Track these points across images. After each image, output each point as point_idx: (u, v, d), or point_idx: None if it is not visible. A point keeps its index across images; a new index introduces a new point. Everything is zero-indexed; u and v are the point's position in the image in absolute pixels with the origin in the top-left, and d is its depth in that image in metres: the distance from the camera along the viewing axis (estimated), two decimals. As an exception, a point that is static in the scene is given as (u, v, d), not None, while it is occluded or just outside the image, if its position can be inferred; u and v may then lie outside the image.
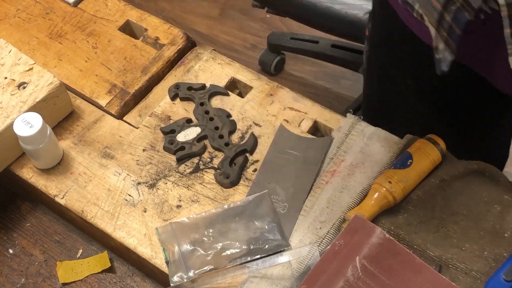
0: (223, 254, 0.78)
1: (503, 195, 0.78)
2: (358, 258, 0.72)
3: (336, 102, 1.96)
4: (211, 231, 0.79)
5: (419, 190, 0.78)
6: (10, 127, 0.83)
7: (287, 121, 0.88)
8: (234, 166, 0.85)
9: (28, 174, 0.87)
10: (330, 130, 0.88)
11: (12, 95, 0.87)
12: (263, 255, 0.77)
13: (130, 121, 0.91)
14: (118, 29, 0.99)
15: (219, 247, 0.78)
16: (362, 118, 0.88)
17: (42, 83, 0.87)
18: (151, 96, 0.93)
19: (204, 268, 0.77)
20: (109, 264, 0.82)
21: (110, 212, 0.83)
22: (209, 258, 0.77)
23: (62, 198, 0.84)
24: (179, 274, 0.76)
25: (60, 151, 0.87)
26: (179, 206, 0.83)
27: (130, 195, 0.84)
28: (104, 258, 0.83)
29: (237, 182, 0.84)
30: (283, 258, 0.75)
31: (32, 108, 0.85)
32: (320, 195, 0.81)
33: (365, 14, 1.47)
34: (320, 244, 0.76)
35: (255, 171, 0.85)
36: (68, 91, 0.91)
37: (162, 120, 0.90)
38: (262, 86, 0.92)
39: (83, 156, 0.88)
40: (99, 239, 0.85)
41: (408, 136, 0.84)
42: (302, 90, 1.80)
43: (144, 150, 0.88)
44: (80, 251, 0.85)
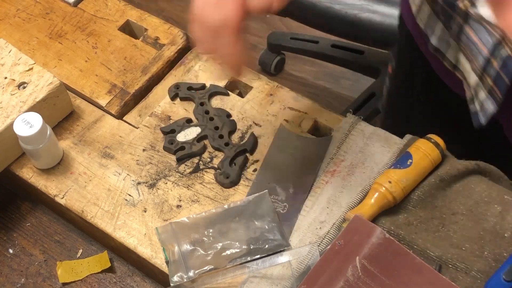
0: (223, 254, 0.78)
1: (503, 195, 0.78)
2: (358, 258, 0.72)
3: (336, 102, 1.96)
4: (211, 231, 0.79)
5: (419, 190, 0.78)
6: (10, 127, 0.83)
7: (287, 121, 0.88)
8: (234, 166, 0.85)
9: (28, 174, 0.87)
10: (330, 130, 0.87)
11: (12, 95, 0.87)
12: (263, 255, 0.77)
13: (130, 121, 0.91)
14: (118, 29, 0.99)
15: (219, 247, 0.78)
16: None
17: (42, 83, 0.87)
18: (151, 96, 0.93)
19: (204, 268, 0.77)
20: (109, 264, 0.82)
21: (110, 212, 0.83)
22: (209, 258, 0.77)
23: (62, 198, 0.84)
24: (179, 274, 0.76)
25: (60, 151, 0.87)
26: (179, 206, 0.83)
27: (130, 195, 0.84)
28: (104, 258, 0.83)
29: (237, 182, 0.84)
30: (283, 258, 0.75)
31: (32, 108, 0.85)
32: (320, 195, 0.81)
33: (363, 13, 1.47)
34: (320, 244, 0.76)
35: (255, 171, 0.85)
36: (68, 91, 0.91)
37: (162, 120, 0.90)
38: (262, 86, 0.92)
39: (83, 156, 0.88)
40: (99, 239, 0.85)
41: (408, 136, 0.84)
42: (302, 90, 1.80)
43: (144, 150, 0.88)
44: (80, 251, 0.85)
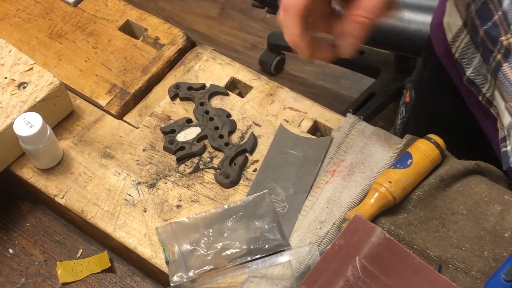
0: (223, 254, 0.78)
1: (503, 195, 0.78)
2: (358, 258, 0.72)
3: (336, 102, 1.97)
4: (211, 231, 0.79)
5: (419, 190, 0.78)
6: (10, 127, 0.83)
7: (287, 121, 0.88)
8: (234, 166, 0.85)
9: (28, 174, 0.87)
10: (330, 130, 0.87)
11: (12, 95, 0.87)
12: (263, 255, 0.77)
13: (130, 121, 0.91)
14: (118, 29, 0.99)
15: (219, 247, 0.78)
16: None
17: (42, 83, 0.87)
18: (151, 96, 0.93)
19: (204, 268, 0.77)
20: (109, 264, 0.82)
21: (110, 212, 0.83)
22: (209, 258, 0.77)
23: (62, 198, 0.84)
24: (179, 274, 0.76)
25: (60, 151, 0.87)
26: (179, 206, 0.83)
27: (130, 195, 0.84)
28: (104, 258, 0.83)
29: (237, 182, 0.84)
30: (283, 258, 0.75)
31: (32, 108, 0.85)
32: (320, 195, 0.81)
33: None
34: (320, 244, 0.76)
35: (255, 171, 0.85)
36: (68, 91, 0.91)
37: (162, 120, 0.90)
38: (262, 86, 0.92)
39: (83, 156, 0.88)
40: (99, 239, 0.85)
41: (408, 136, 0.84)
42: (302, 90, 1.80)
43: (144, 150, 0.88)
44: (80, 251, 0.85)
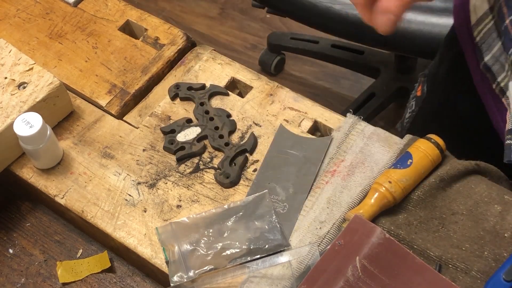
0: (223, 254, 0.78)
1: (503, 195, 0.78)
2: (358, 258, 0.72)
3: (336, 102, 1.96)
4: (211, 231, 0.79)
5: (419, 190, 0.78)
6: (10, 127, 0.83)
7: (287, 121, 0.88)
8: (234, 166, 0.85)
9: (28, 174, 0.87)
10: (330, 130, 0.87)
11: (12, 95, 0.87)
12: (263, 255, 0.77)
13: (130, 121, 0.91)
14: (118, 29, 0.99)
15: (219, 247, 0.78)
16: None
17: (42, 83, 0.87)
18: (151, 96, 0.93)
19: (204, 268, 0.77)
20: (109, 264, 0.82)
21: (110, 212, 0.83)
22: (209, 258, 0.77)
23: (62, 198, 0.84)
24: (179, 274, 0.76)
25: (60, 151, 0.87)
26: (179, 206, 0.83)
27: (130, 195, 0.84)
28: (104, 258, 0.83)
29: (237, 182, 0.84)
30: (283, 258, 0.75)
31: (32, 108, 0.85)
32: (320, 195, 0.81)
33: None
34: (320, 244, 0.76)
35: (255, 171, 0.85)
36: (68, 91, 0.91)
37: (162, 120, 0.90)
38: (262, 86, 0.92)
39: (83, 156, 0.88)
40: (99, 239, 0.85)
41: (408, 136, 0.84)
42: (302, 90, 1.80)
43: (144, 150, 0.88)
44: (80, 251, 0.85)
